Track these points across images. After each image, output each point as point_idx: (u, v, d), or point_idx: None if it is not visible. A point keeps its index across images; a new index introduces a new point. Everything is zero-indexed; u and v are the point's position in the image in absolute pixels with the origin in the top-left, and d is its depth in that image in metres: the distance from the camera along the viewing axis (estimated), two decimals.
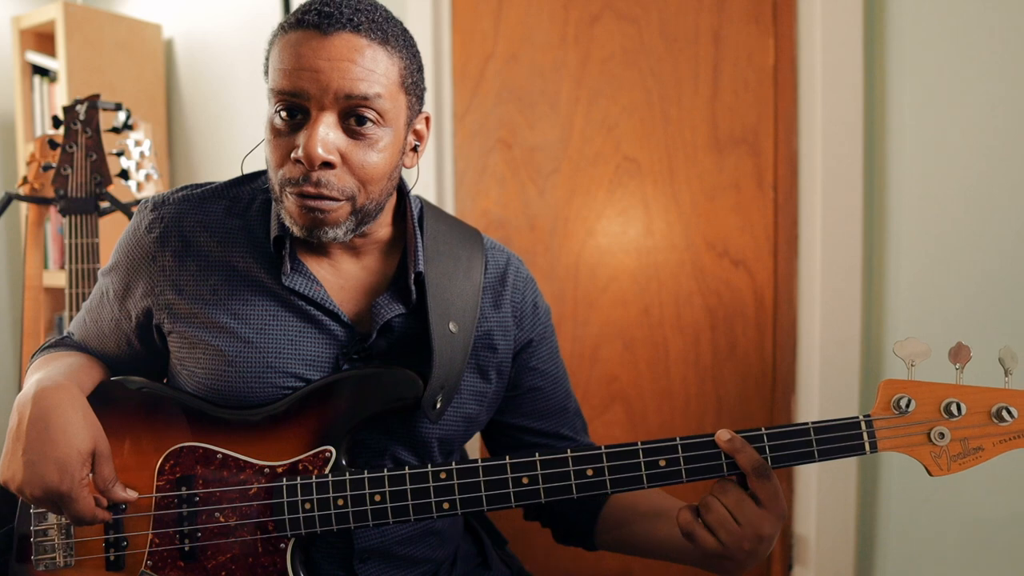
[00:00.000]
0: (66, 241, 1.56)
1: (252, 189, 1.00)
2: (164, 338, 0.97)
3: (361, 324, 0.96)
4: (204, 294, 0.93)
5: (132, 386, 0.96)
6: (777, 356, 1.79)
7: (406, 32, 0.89)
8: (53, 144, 1.59)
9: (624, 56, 1.84)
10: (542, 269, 1.89)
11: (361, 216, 0.90)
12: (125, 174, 1.71)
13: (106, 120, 1.64)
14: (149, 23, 2.52)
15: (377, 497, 0.86)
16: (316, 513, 0.86)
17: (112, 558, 0.88)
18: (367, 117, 0.85)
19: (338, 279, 0.97)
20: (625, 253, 1.86)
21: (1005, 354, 0.82)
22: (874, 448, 0.83)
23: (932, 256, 1.57)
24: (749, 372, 1.81)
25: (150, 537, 0.88)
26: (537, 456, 0.86)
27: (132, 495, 0.88)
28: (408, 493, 0.86)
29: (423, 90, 0.94)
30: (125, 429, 0.92)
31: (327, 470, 0.88)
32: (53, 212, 2.22)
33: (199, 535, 0.87)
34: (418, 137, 0.96)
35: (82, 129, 1.56)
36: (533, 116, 1.90)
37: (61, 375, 0.91)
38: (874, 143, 1.63)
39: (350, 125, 0.85)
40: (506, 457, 0.87)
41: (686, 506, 0.87)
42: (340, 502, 0.86)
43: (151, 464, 0.90)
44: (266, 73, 0.89)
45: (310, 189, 0.85)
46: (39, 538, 0.88)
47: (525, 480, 0.86)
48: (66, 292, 1.55)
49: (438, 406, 0.93)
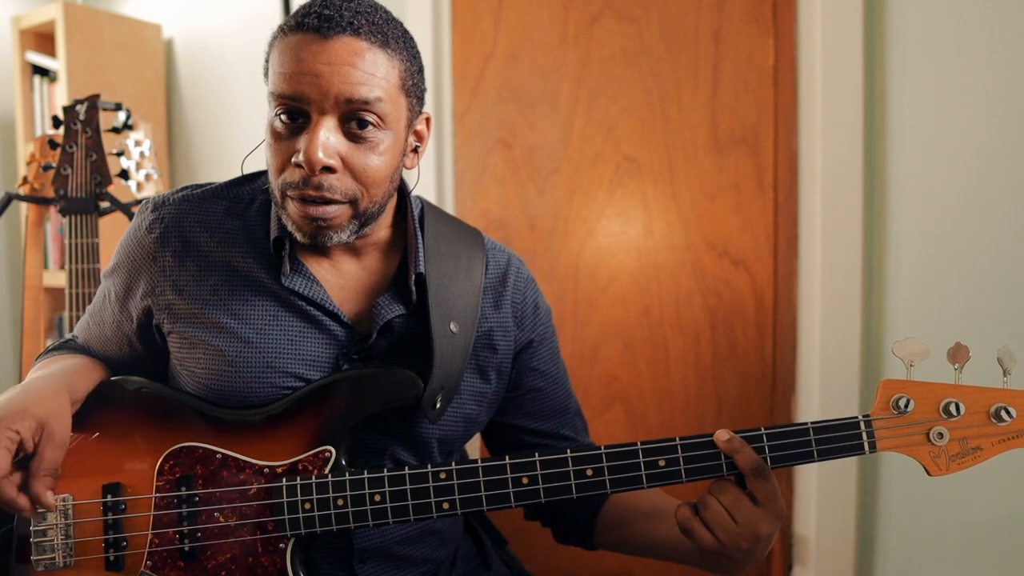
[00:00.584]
0: (66, 241, 1.56)
1: (252, 189, 1.00)
2: (164, 338, 0.97)
3: (361, 324, 0.96)
4: (204, 294, 0.93)
5: (131, 386, 0.96)
6: (777, 356, 1.79)
7: (407, 33, 0.89)
8: (53, 144, 1.59)
9: (624, 56, 1.84)
10: (542, 269, 1.89)
11: (363, 219, 0.90)
12: (125, 174, 1.71)
13: (106, 120, 1.64)
14: (149, 23, 2.52)
15: (377, 497, 0.86)
16: (316, 513, 0.86)
17: (112, 558, 0.88)
18: (368, 120, 0.85)
19: (338, 279, 0.97)
20: (625, 253, 1.86)
21: (1004, 354, 0.82)
22: (873, 448, 0.84)
23: (932, 256, 1.57)
24: (749, 372, 1.81)
25: (150, 537, 0.88)
26: (537, 456, 0.86)
27: (50, 500, 0.83)
28: (408, 493, 0.86)
29: (423, 91, 0.94)
30: (125, 429, 0.92)
31: (327, 470, 0.88)
32: (53, 212, 2.23)
33: (199, 535, 0.87)
34: (419, 138, 0.96)
35: (82, 129, 1.56)
36: (533, 116, 1.90)
37: (55, 374, 0.91)
38: (874, 143, 1.63)
39: (351, 128, 0.85)
40: (506, 457, 0.87)
41: (685, 503, 0.87)
42: (340, 502, 0.86)
43: (151, 464, 0.90)
44: (266, 75, 0.89)
45: (311, 193, 0.85)
46: (38, 538, 0.88)
47: (525, 480, 0.86)
48: (66, 292, 1.55)
49: (438, 406, 0.93)
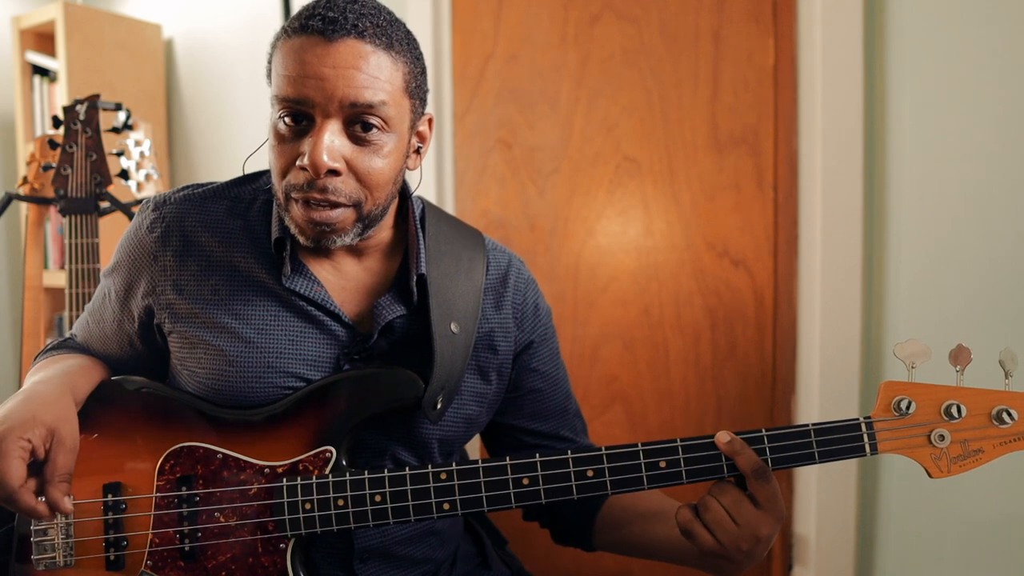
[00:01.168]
0: (66, 241, 1.56)
1: (253, 189, 1.00)
2: (165, 338, 0.97)
3: (362, 324, 0.96)
4: (205, 294, 0.93)
5: (132, 386, 0.96)
6: (777, 356, 1.79)
7: (410, 35, 0.89)
8: (53, 144, 1.59)
9: (624, 56, 1.84)
10: (542, 269, 1.89)
11: (367, 221, 0.90)
12: (125, 174, 1.71)
13: (106, 120, 1.64)
14: (149, 23, 2.51)
15: (377, 497, 0.86)
16: (316, 513, 0.86)
17: (112, 558, 0.88)
18: (372, 124, 0.85)
19: (339, 280, 0.97)
20: (625, 253, 1.86)
21: (1005, 356, 0.82)
22: (874, 450, 0.83)
23: (932, 256, 1.57)
24: (749, 372, 1.81)
25: (150, 537, 0.88)
26: (537, 457, 0.86)
27: (68, 506, 0.83)
28: (408, 494, 0.86)
29: (426, 92, 0.94)
30: (125, 429, 0.92)
31: (327, 470, 0.88)
32: (53, 212, 2.22)
33: (199, 535, 0.87)
34: (421, 139, 0.96)
35: (82, 129, 1.56)
36: (533, 116, 1.90)
37: (57, 377, 0.91)
38: (874, 143, 1.63)
39: (355, 131, 0.85)
40: (506, 458, 0.87)
41: (686, 504, 0.87)
42: (340, 502, 0.86)
43: (152, 464, 0.90)
44: (268, 76, 0.88)
45: (316, 196, 0.85)
46: (39, 537, 0.88)
47: (525, 481, 0.86)
48: (66, 292, 1.55)
49: (438, 407, 0.93)
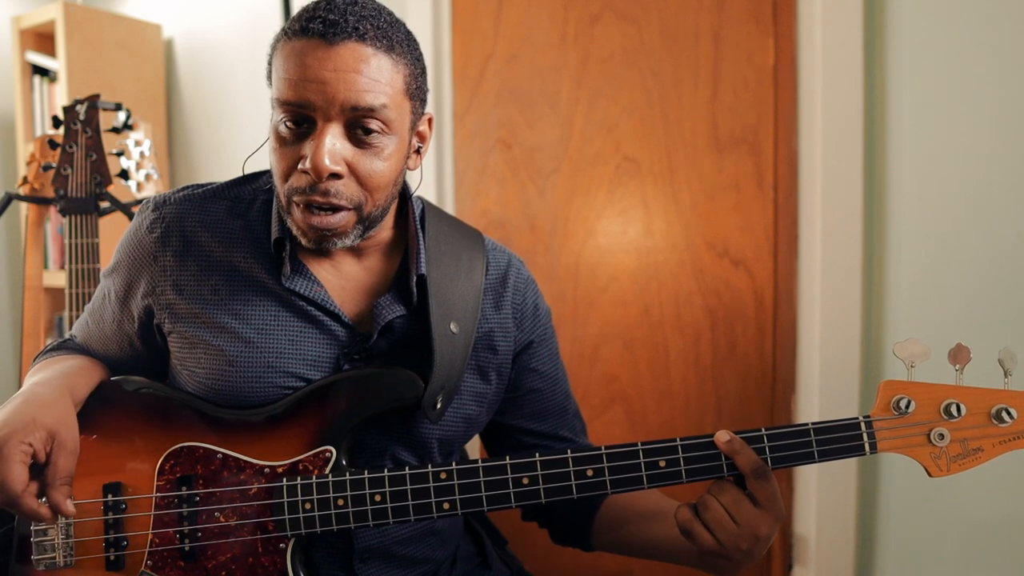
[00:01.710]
0: (66, 241, 1.56)
1: (253, 189, 1.00)
2: (165, 338, 0.97)
3: (362, 325, 0.96)
4: (205, 294, 0.93)
5: (131, 386, 0.96)
6: (777, 356, 1.79)
7: (410, 35, 0.89)
8: (53, 144, 1.59)
9: (624, 56, 1.84)
10: (542, 269, 1.89)
11: (367, 223, 0.90)
12: (125, 174, 1.71)
13: (106, 120, 1.64)
14: (149, 23, 2.52)
15: (377, 497, 0.86)
16: (316, 513, 0.87)
17: (112, 558, 0.88)
18: (372, 127, 0.85)
19: (339, 280, 0.97)
20: (625, 253, 1.86)
21: (1005, 355, 0.82)
22: (874, 449, 0.84)
23: (932, 256, 1.57)
24: (749, 372, 1.81)
25: (150, 537, 0.88)
26: (537, 457, 0.86)
27: (71, 508, 0.83)
28: (408, 493, 0.86)
29: (426, 92, 0.94)
30: (125, 429, 0.92)
31: (327, 470, 0.88)
32: (53, 212, 2.22)
33: (199, 535, 0.87)
34: (421, 139, 0.96)
35: (82, 129, 1.56)
36: (533, 116, 1.90)
37: (56, 378, 0.91)
38: (874, 143, 1.63)
39: (356, 135, 0.85)
40: (506, 458, 0.87)
41: (685, 504, 0.87)
42: (340, 502, 0.86)
43: (152, 464, 0.90)
44: (268, 78, 0.89)
45: (318, 199, 0.85)
46: (39, 538, 0.88)
47: (525, 480, 0.86)
48: (66, 292, 1.55)
49: (438, 406, 0.93)
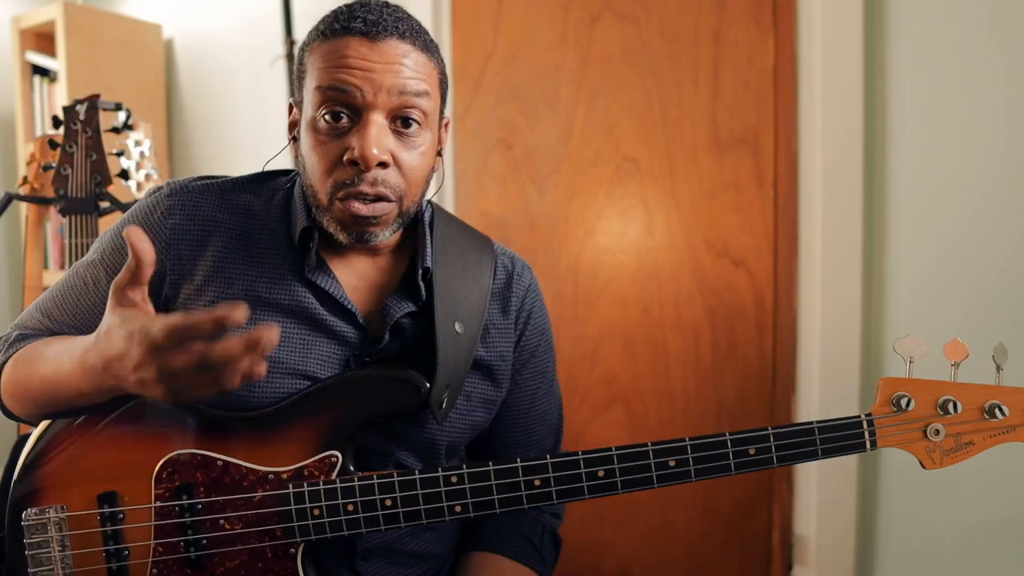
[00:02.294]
0: (66, 241, 1.56)
1: (272, 186, 0.99)
2: None
3: (372, 325, 0.96)
4: (217, 288, 0.92)
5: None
6: (777, 356, 1.79)
7: (434, 41, 0.93)
8: (53, 144, 1.59)
9: (624, 56, 1.84)
10: (542, 269, 1.89)
11: (403, 218, 0.91)
12: (125, 174, 1.71)
13: (106, 120, 1.64)
14: (149, 23, 2.52)
15: (388, 502, 0.85)
16: (326, 520, 0.85)
17: (114, 568, 0.85)
18: (413, 118, 0.87)
19: (353, 279, 0.97)
20: (625, 253, 1.86)
21: (997, 351, 0.85)
22: (874, 445, 0.86)
23: (932, 256, 1.57)
24: (749, 372, 1.81)
25: (152, 546, 0.85)
26: (549, 458, 0.86)
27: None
28: (420, 498, 0.85)
29: (447, 95, 0.97)
30: (119, 435, 0.89)
31: (334, 475, 0.87)
32: (53, 212, 2.22)
33: (204, 543, 0.85)
34: (440, 141, 0.98)
35: (82, 129, 1.56)
36: (533, 116, 1.90)
37: (65, 345, 0.87)
38: (874, 143, 1.63)
39: (397, 127, 0.87)
40: (517, 460, 0.86)
41: None
42: (351, 508, 0.85)
43: (148, 472, 0.87)
44: (297, 79, 0.90)
45: (366, 189, 0.85)
46: (34, 550, 0.84)
47: (537, 482, 0.86)
48: None
49: (444, 406, 0.92)
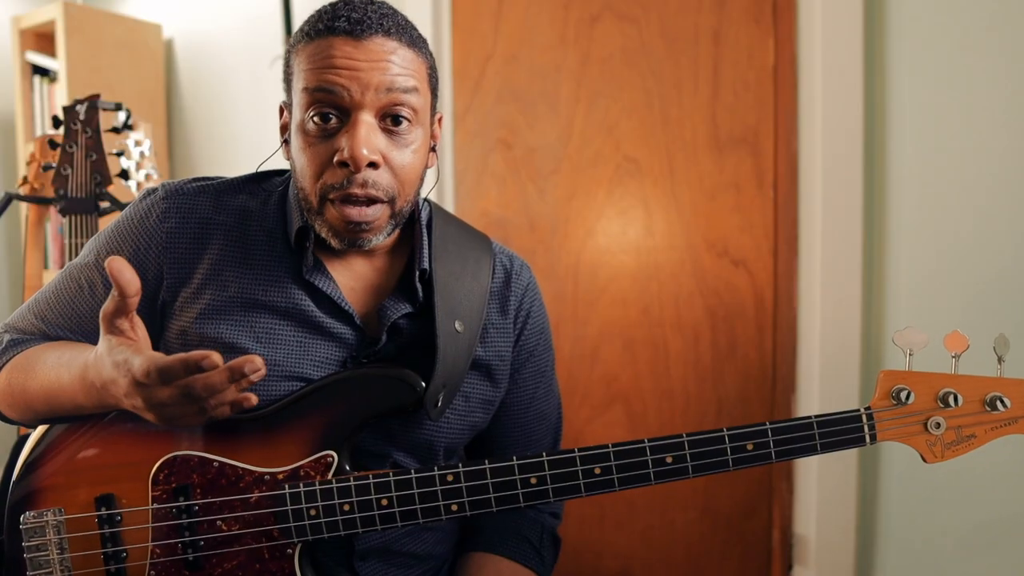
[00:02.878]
0: (66, 241, 1.56)
1: (267, 187, 0.99)
2: (160, 331, 0.94)
3: (369, 327, 0.96)
4: (213, 291, 0.92)
5: None
6: (777, 356, 1.79)
7: (422, 35, 0.91)
8: (53, 144, 1.59)
9: (624, 56, 1.84)
10: (542, 269, 1.89)
11: (397, 219, 0.90)
12: (125, 174, 1.71)
13: (106, 120, 1.64)
14: (149, 23, 2.52)
15: (384, 501, 0.85)
16: (323, 520, 0.85)
17: (113, 570, 0.85)
18: (403, 116, 0.85)
19: (350, 280, 0.96)
20: (625, 253, 1.86)
21: (998, 342, 0.83)
22: (874, 440, 0.85)
23: (932, 256, 1.57)
24: (749, 372, 1.81)
25: (151, 548, 0.85)
26: (545, 456, 0.86)
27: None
28: (416, 497, 0.85)
29: (438, 90, 0.95)
30: (115, 437, 0.89)
31: (330, 475, 0.87)
32: (53, 212, 2.22)
33: (202, 544, 0.85)
34: (434, 137, 0.97)
35: (82, 129, 1.56)
36: (533, 116, 1.90)
37: (68, 354, 0.88)
38: (874, 143, 1.64)
39: (387, 126, 0.85)
40: (513, 458, 0.86)
41: None
42: (347, 507, 0.85)
43: (145, 474, 0.86)
44: (286, 82, 0.89)
45: (357, 192, 0.84)
46: (33, 553, 0.84)
47: (533, 480, 0.86)
48: None
49: (439, 404, 0.92)
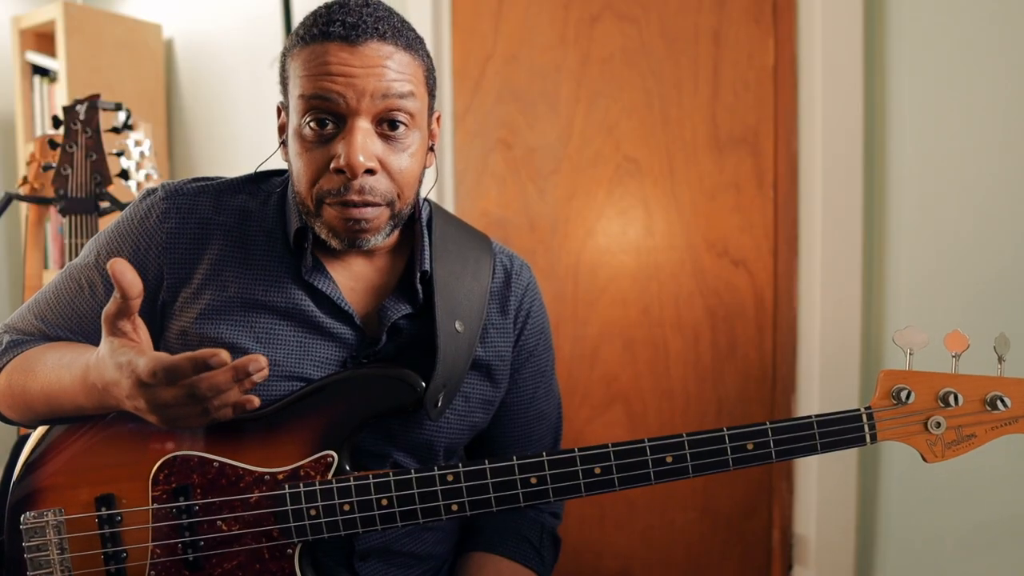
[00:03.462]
0: (66, 241, 1.56)
1: (267, 187, 0.99)
2: (160, 331, 0.95)
3: (369, 327, 0.96)
4: (214, 292, 0.92)
5: None
6: (777, 356, 1.79)
7: (419, 35, 0.91)
8: (53, 144, 1.59)
9: (624, 56, 1.84)
10: (542, 269, 1.89)
11: (396, 221, 0.90)
12: (125, 174, 1.71)
13: (106, 120, 1.64)
14: (149, 23, 2.52)
15: (384, 501, 0.85)
16: (323, 520, 0.85)
17: (113, 571, 0.85)
18: (400, 120, 0.85)
19: (350, 281, 0.96)
20: (625, 253, 1.86)
21: (999, 341, 0.83)
22: (874, 439, 0.85)
23: (932, 256, 1.57)
24: (749, 372, 1.81)
25: (151, 548, 0.85)
26: (545, 456, 0.86)
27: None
28: (416, 497, 0.85)
29: (435, 89, 0.95)
30: (115, 437, 0.89)
31: (330, 475, 0.86)
32: (53, 212, 2.22)
33: (202, 544, 0.85)
34: (432, 136, 0.96)
35: (82, 129, 1.56)
36: (533, 116, 1.90)
37: (69, 356, 0.88)
38: (874, 143, 1.64)
39: (383, 130, 0.85)
40: (513, 457, 0.86)
41: None
42: (347, 507, 0.85)
43: (145, 474, 0.86)
44: (282, 85, 0.89)
45: (354, 197, 0.84)
46: (33, 553, 0.84)
47: (534, 480, 0.85)
48: None
49: (439, 405, 0.92)
